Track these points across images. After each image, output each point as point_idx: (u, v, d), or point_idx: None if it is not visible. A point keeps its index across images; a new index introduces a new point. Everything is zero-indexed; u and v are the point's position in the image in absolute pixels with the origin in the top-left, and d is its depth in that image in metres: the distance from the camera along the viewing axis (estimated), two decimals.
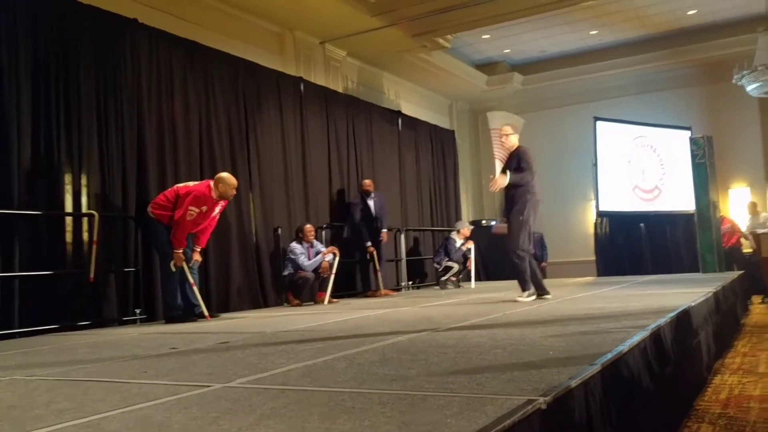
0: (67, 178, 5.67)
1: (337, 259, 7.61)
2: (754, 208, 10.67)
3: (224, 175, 6.02)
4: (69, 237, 5.66)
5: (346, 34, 9.57)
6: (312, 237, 7.62)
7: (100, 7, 6.11)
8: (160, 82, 6.65)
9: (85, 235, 5.76)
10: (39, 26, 5.56)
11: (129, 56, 6.33)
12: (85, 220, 5.77)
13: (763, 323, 6.64)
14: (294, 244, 7.51)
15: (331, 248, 7.69)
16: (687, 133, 11.33)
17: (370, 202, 8.58)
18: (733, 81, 9.62)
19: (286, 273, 7.53)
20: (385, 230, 8.68)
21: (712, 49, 11.74)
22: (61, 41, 5.72)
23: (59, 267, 5.51)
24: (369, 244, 8.36)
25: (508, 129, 6.07)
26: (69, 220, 5.68)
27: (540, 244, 11.83)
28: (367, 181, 8.74)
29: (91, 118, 5.90)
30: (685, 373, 3.34)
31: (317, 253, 7.53)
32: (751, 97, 10.37)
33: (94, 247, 5.64)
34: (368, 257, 8.45)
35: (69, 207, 5.67)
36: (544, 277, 10.65)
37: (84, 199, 5.79)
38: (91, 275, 5.60)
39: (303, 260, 7.38)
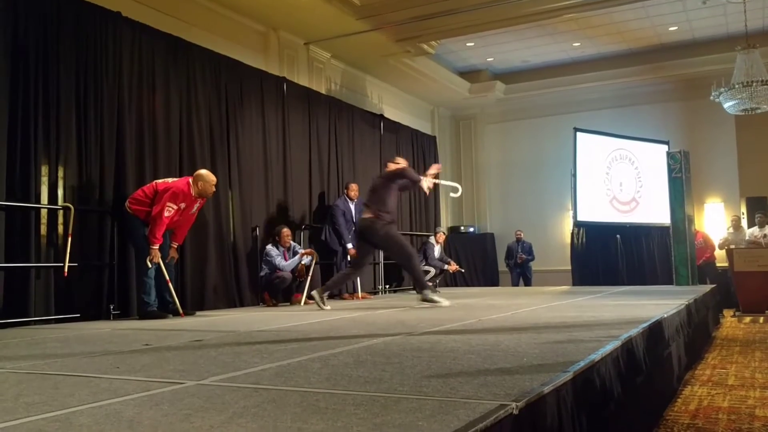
0: (44, 170, 5.59)
1: (314, 260, 7.60)
2: (738, 223, 10.75)
3: (203, 172, 5.99)
4: (44, 230, 5.58)
5: (330, 36, 9.57)
6: (289, 242, 7.57)
7: None
8: (141, 77, 6.59)
9: (60, 228, 5.70)
10: (19, 15, 5.49)
11: (111, 49, 6.26)
12: (60, 212, 5.70)
13: (734, 336, 6.73)
14: (270, 247, 7.48)
15: (308, 250, 7.67)
16: (664, 148, 11.49)
17: (352, 207, 8.58)
18: (711, 98, 9.76)
19: (262, 274, 7.50)
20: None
21: (691, 66, 11.92)
22: (41, 31, 5.64)
23: (33, 260, 5.43)
24: (350, 246, 8.34)
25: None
26: (44, 212, 5.60)
27: (528, 250, 12.26)
28: (354, 186, 8.72)
29: (70, 111, 5.83)
30: (656, 383, 3.38)
31: (294, 255, 7.51)
32: (728, 114, 10.53)
33: (69, 240, 5.58)
34: (349, 260, 8.43)
35: (45, 199, 5.59)
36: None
37: (60, 192, 5.72)
38: (65, 269, 5.53)
39: (279, 261, 7.36)
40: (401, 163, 6.58)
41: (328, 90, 10.27)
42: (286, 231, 7.58)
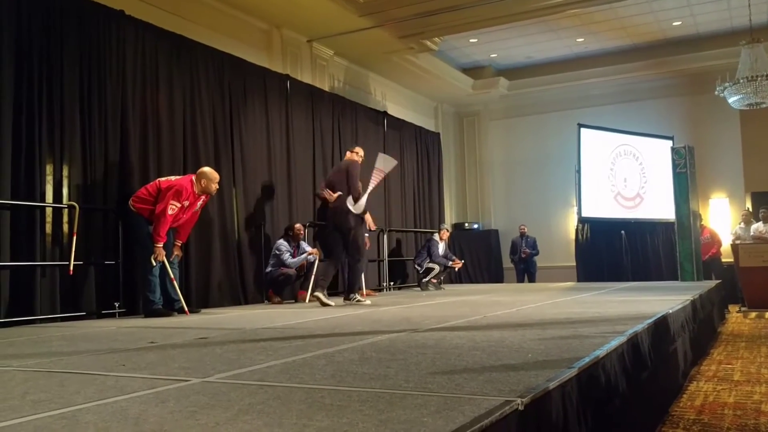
0: (49, 169, 5.60)
1: (317, 259, 7.62)
2: (748, 218, 10.67)
3: (206, 169, 6.00)
4: (49, 228, 5.59)
5: (333, 33, 9.57)
6: (301, 236, 7.69)
7: None
8: (145, 75, 6.60)
9: (66, 227, 5.71)
10: (23, 15, 5.49)
11: (114, 48, 6.27)
12: (65, 211, 5.71)
13: (739, 332, 6.72)
14: (281, 241, 7.53)
15: (314, 250, 7.73)
16: (669, 143, 11.46)
17: None
18: (716, 92, 9.72)
19: (268, 270, 7.52)
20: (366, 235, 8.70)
21: (695, 61, 11.89)
22: (45, 30, 5.66)
23: (38, 258, 5.44)
24: None
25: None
26: (49, 210, 5.62)
27: (532, 245, 12.20)
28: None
29: (74, 109, 5.85)
30: (661, 379, 3.37)
31: (302, 253, 7.57)
32: (733, 109, 10.50)
33: (74, 239, 5.59)
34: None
35: (50, 198, 5.61)
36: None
37: (65, 191, 5.73)
38: (71, 268, 5.54)
39: (287, 257, 7.41)
40: (356, 153, 6.91)
41: (331, 87, 10.27)
42: (299, 226, 7.81)
